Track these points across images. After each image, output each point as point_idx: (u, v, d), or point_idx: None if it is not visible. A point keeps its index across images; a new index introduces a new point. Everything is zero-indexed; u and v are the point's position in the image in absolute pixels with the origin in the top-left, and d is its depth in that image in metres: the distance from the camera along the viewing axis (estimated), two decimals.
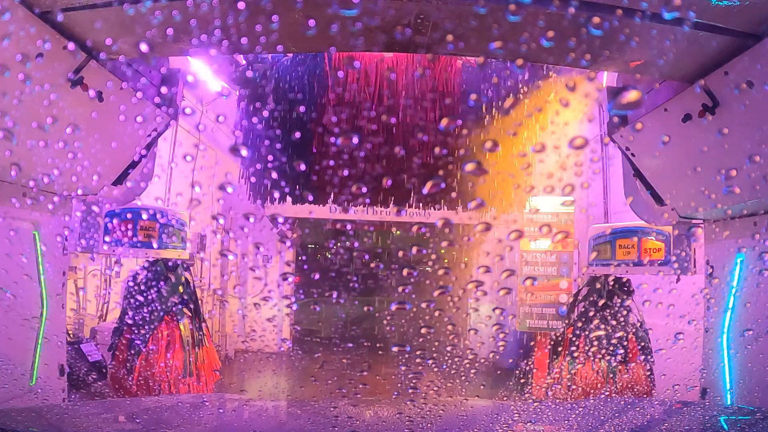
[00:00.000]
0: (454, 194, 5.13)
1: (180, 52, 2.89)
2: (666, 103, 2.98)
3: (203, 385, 5.06)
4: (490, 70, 5.00)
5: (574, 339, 4.94)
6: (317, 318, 8.38)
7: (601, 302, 4.83)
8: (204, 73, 5.78)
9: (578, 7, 2.04)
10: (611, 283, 4.90)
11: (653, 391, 4.50)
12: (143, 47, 2.50)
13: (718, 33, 2.25)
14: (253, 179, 5.36)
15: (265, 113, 4.79)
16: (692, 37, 2.27)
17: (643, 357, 4.56)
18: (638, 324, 4.72)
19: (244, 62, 5.11)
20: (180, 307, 5.02)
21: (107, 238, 4.41)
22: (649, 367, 4.56)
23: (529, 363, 6.81)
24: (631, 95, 3.43)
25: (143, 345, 4.62)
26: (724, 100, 2.55)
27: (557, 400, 4.84)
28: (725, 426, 2.02)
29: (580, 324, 4.99)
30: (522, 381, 6.45)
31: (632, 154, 3.54)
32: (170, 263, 5.01)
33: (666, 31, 2.26)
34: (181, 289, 5.08)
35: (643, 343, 4.62)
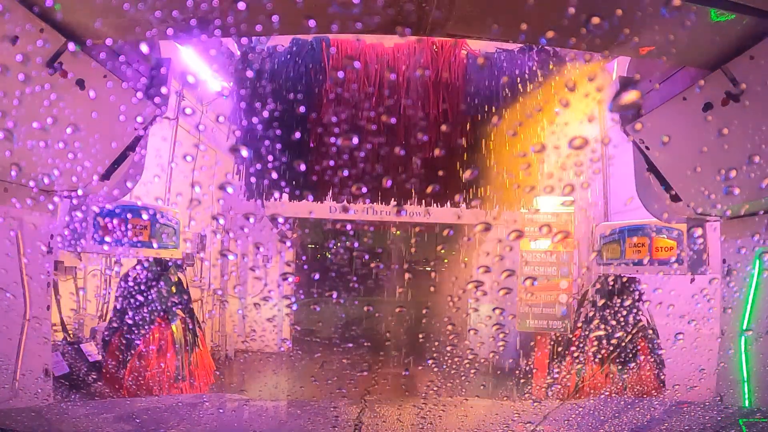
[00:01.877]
0: (457, 192, 5.00)
1: (169, 35, 2.76)
2: (684, 92, 2.77)
3: (197, 389, 4.94)
4: (496, 61, 4.80)
5: (581, 340, 4.82)
6: (317, 318, 8.39)
7: (609, 302, 4.67)
8: (196, 64, 5.57)
9: None
10: (620, 282, 4.74)
11: (663, 393, 4.37)
12: (130, 31, 2.35)
13: (742, 13, 2.08)
14: (248, 174, 5.22)
15: (260, 107, 4.61)
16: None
17: (652, 358, 4.42)
18: (647, 324, 4.58)
19: (238, 53, 4.91)
20: (173, 308, 4.87)
21: (96, 237, 4.27)
22: (658, 369, 4.43)
23: (529, 363, 6.81)
24: (631, 95, 3.35)
25: (133, 349, 4.48)
26: (750, 87, 2.36)
27: (557, 400, 4.82)
28: (743, 427, 1.98)
29: (587, 324, 4.85)
30: (522, 381, 6.45)
31: (646, 147, 3.32)
32: (163, 263, 4.86)
33: (684, 13, 2.09)
34: (174, 289, 4.92)
35: (652, 344, 4.48)
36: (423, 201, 5.35)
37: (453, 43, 4.80)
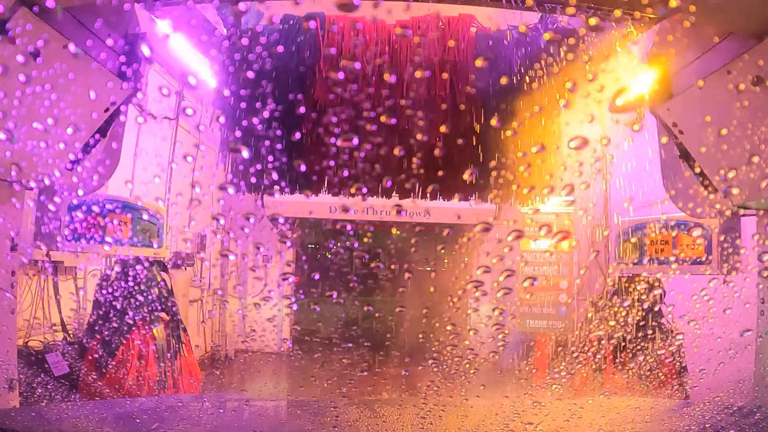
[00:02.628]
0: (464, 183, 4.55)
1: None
2: (729, 64, 2.37)
3: None
4: (510, 38, 4.35)
5: (600, 343, 4.52)
6: (317, 318, 8.40)
7: (629, 304, 4.31)
8: (176, 41, 5.02)
9: None
10: (640, 283, 4.40)
11: (688, 396, 4.07)
12: None
13: None
14: (237, 164, 4.70)
15: (249, 90, 4.17)
16: None
17: (675, 362, 4.17)
18: (669, 328, 4.34)
19: (225, 32, 4.45)
20: (155, 313, 4.48)
21: (68, 234, 3.90)
22: (682, 373, 4.16)
23: (529, 363, 6.81)
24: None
25: (111, 357, 4.11)
26: None
27: (557, 400, 4.80)
28: None
29: (606, 327, 4.52)
30: (522, 381, 6.45)
31: (680, 132, 2.92)
32: (145, 263, 4.49)
33: None
34: (156, 291, 4.56)
35: (675, 348, 4.19)
36: (428, 195, 4.86)
37: (461, 20, 4.41)
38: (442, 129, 4.29)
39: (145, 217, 4.58)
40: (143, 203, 4.70)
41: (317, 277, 8.63)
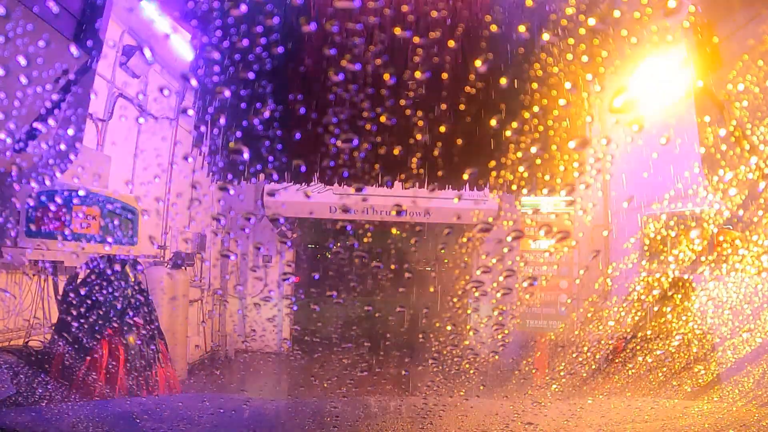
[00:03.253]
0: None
1: None
2: None
3: None
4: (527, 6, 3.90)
5: (625, 346, 4.37)
6: (317, 318, 8.42)
7: (655, 305, 4.04)
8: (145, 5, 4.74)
9: None
10: (667, 283, 4.11)
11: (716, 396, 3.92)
12: None
13: None
14: (213, 148, 4.18)
15: (231, 61, 3.66)
16: None
17: (705, 367, 4.02)
18: (699, 330, 3.98)
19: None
20: (129, 317, 4.00)
21: (24, 228, 3.47)
22: (711, 379, 4.01)
23: (529, 363, 6.81)
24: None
25: (78, 368, 3.63)
26: None
27: (557, 400, 4.79)
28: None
29: (632, 330, 4.24)
30: (522, 381, 6.45)
31: (729, 112, 2.60)
32: (117, 262, 4.04)
33: None
34: (129, 293, 4.04)
35: (704, 352, 3.84)
36: (434, 182, 4.34)
37: None
38: (443, 123, 3.86)
39: (116, 210, 4.13)
40: (113, 194, 4.21)
41: (317, 277, 8.63)
